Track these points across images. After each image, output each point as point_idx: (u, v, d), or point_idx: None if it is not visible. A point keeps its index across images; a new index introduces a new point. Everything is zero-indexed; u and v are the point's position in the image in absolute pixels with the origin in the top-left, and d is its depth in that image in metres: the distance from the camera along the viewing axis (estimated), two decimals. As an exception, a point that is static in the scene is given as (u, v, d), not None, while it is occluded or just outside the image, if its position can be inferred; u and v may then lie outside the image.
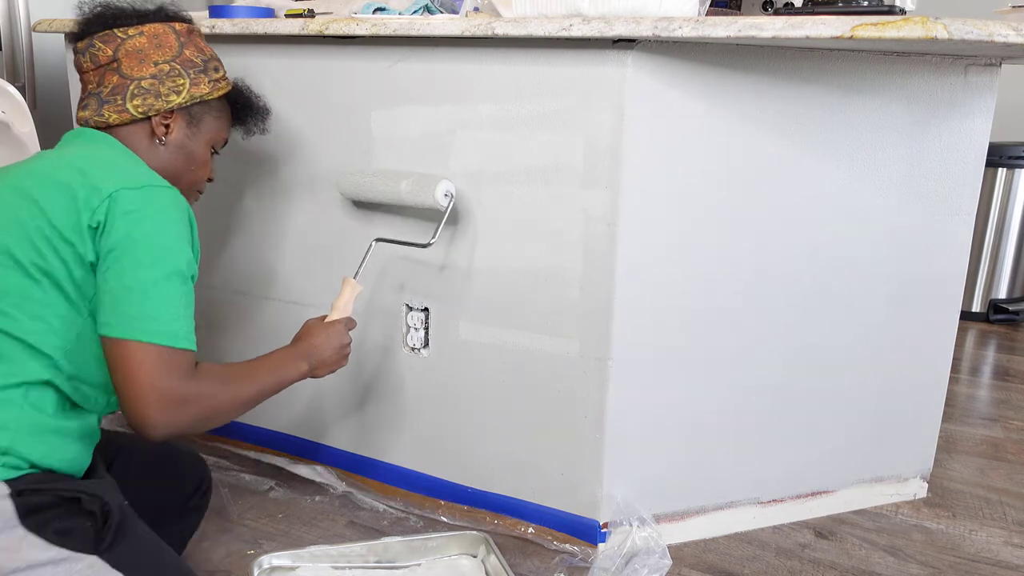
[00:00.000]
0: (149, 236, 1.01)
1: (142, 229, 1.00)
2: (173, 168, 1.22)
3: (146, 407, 0.98)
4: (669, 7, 1.28)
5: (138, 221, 1.00)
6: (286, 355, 1.23)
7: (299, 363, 1.23)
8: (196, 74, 1.22)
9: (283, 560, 1.39)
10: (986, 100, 1.55)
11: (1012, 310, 3.11)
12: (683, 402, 1.51)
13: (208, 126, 1.26)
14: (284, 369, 1.21)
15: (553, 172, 1.39)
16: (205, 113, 1.25)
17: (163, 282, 1.00)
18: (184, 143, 1.23)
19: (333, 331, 1.31)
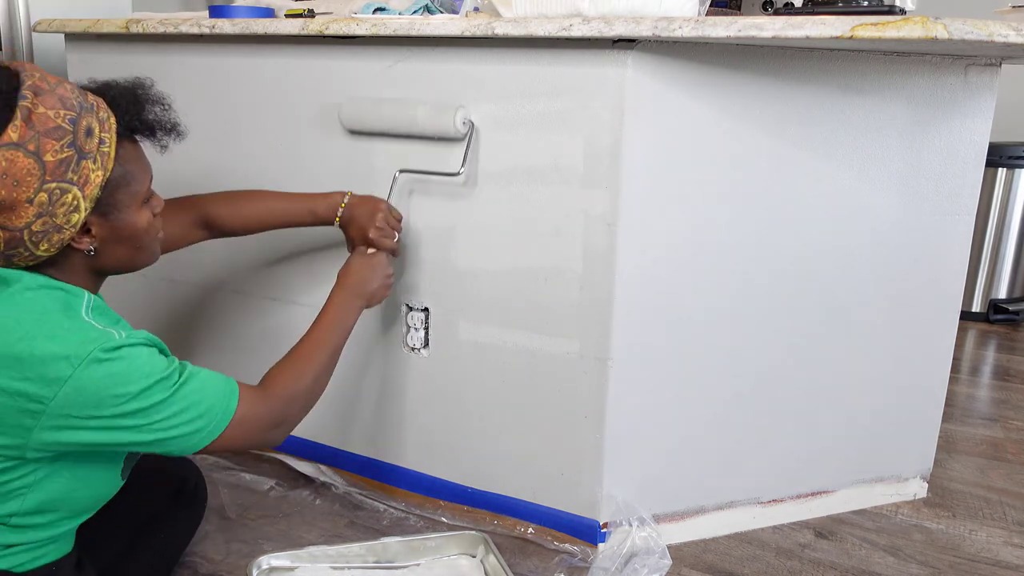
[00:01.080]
0: (126, 390, 0.98)
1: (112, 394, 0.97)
2: (122, 258, 1.09)
3: (269, 444, 1.15)
4: (669, 7, 1.28)
5: (102, 387, 0.97)
6: (340, 302, 1.30)
7: (355, 302, 1.32)
8: (77, 170, 0.96)
9: (282, 560, 1.39)
10: (986, 100, 1.55)
11: (1012, 310, 3.10)
12: (683, 402, 1.51)
13: (123, 196, 1.05)
14: (345, 317, 1.30)
15: (553, 172, 1.39)
16: (114, 191, 1.03)
17: (162, 405, 1.01)
18: (115, 232, 1.05)
19: (377, 262, 1.38)
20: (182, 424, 1.02)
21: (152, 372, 1.00)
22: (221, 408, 1.07)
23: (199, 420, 1.04)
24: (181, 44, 1.72)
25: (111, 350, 0.96)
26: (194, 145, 1.77)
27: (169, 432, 1.02)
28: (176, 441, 1.03)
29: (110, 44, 1.82)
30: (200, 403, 1.04)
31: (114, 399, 0.97)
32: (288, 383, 1.18)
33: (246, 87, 1.66)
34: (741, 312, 1.50)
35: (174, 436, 1.02)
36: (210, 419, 1.05)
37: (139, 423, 0.99)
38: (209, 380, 1.07)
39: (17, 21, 2.60)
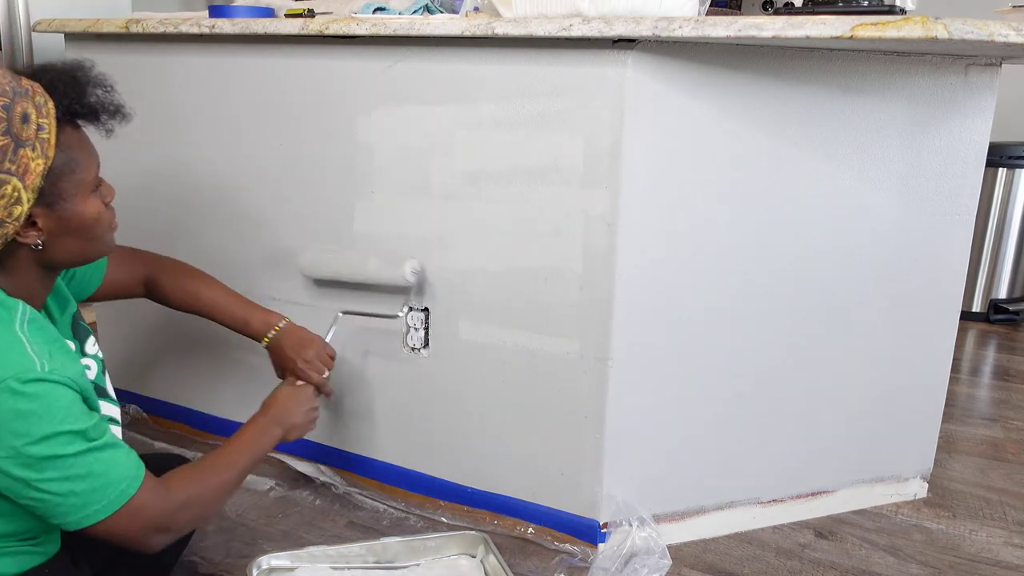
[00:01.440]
0: (28, 432, 0.91)
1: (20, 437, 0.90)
2: (73, 251, 1.03)
3: (146, 547, 1.04)
4: (669, 7, 1.28)
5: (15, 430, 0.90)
6: (259, 427, 1.27)
7: (273, 431, 1.28)
8: (15, 159, 0.91)
9: (282, 561, 1.39)
10: (986, 100, 1.55)
11: (1012, 310, 3.10)
12: (683, 402, 1.51)
13: (68, 184, 0.98)
14: (260, 442, 1.24)
15: (553, 172, 1.39)
16: (57, 179, 0.97)
17: (67, 461, 0.93)
18: (63, 223, 0.99)
19: (303, 396, 1.36)
20: (72, 492, 0.94)
21: (63, 418, 0.92)
22: (119, 488, 0.98)
23: (92, 494, 0.95)
24: (181, 44, 1.72)
25: (28, 381, 0.90)
26: (194, 145, 1.77)
27: (56, 493, 0.93)
28: (58, 506, 0.94)
29: (110, 44, 1.81)
30: (100, 475, 0.96)
31: (13, 438, 0.89)
32: (190, 488, 1.08)
33: (246, 87, 1.66)
34: (741, 312, 1.50)
35: (58, 498, 0.93)
36: (102, 496, 0.96)
37: (30, 474, 0.91)
38: (120, 455, 0.99)
39: (17, 21, 2.60)
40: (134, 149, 1.84)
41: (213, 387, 1.88)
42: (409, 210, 1.54)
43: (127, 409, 2.01)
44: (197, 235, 1.81)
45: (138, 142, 1.83)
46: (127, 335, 1.99)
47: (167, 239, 1.84)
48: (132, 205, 1.87)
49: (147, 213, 1.85)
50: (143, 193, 1.85)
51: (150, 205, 1.85)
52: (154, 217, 1.85)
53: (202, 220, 1.80)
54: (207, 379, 1.88)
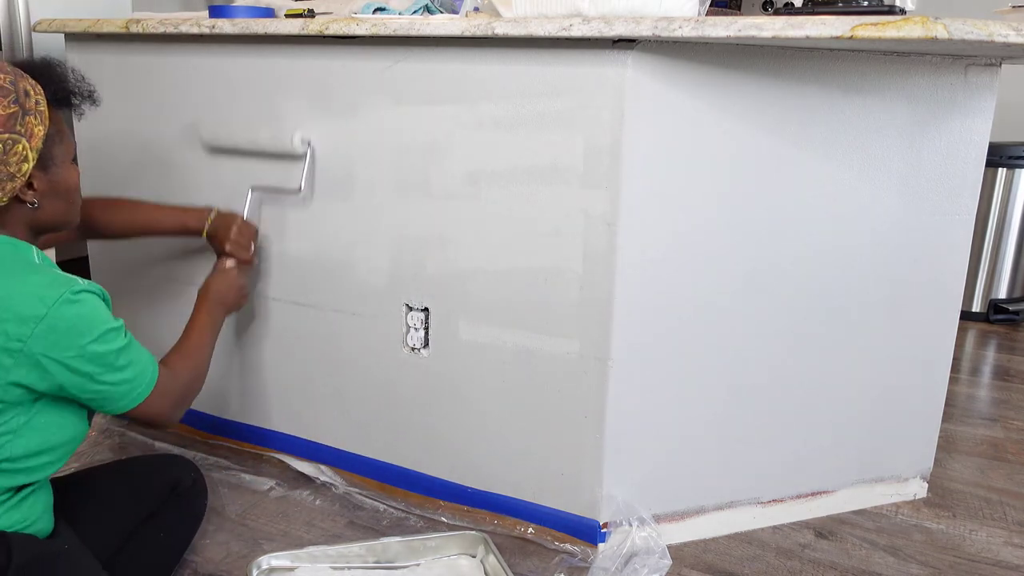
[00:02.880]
0: (90, 332, 1.07)
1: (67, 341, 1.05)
2: (58, 215, 1.16)
3: (172, 420, 1.26)
4: (669, 7, 1.28)
5: (62, 338, 1.05)
6: (209, 311, 1.45)
7: (218, 310, 1.48)
8: (24, 123, 1.05)
9: (282, 561, 1.39)
10: (986, 100, 1.55)
11: (1012, 310, 3.10)
12: (683, 402, 1.51)
13: (59, 152, 1.14)
14: (215, 322, 1.46)
15: (553, 172, 1.39)
16: (52, 146, 1.12)
17: (116, 354, 1.11)
18: (53, 186, 1.13)
19: (230, 277, 1.54)
20: (124, 380, 1.12)
21: (107, 319, 1.10)
22: (150, 373, 1.17)
23: (136, 379, 1.14)
24: (181, 44, 1.72)
25: (78, 292, 1.06)
26: (194, 145, 1.77)
27: (109, 387, 1.10)
28: (114, 394, 1.11)
29: (110, 44, 1.81)
30: (138, 363, 1.15)
31: (79, 338, 1.05)
32: (188, 367, 1.30)
33: (246, 87, 1.66)
34: (741, 312, 1.50)
35: (114, 387, 1.11)
36: (142, 380, 1.15)
37: (94, 368, 1.07)
38: (141, 348, 1.17)
39: (17, 21, 2.60)
40: (134, 148, 1.84)
41: (213, 387, 1.88)
42: (409, 210, 1.54)
43: (127, 409, 2.01)
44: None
45: (138, 141, 1.83)
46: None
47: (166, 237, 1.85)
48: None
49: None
50: (141, 191, 1.85)
51: (150, 205, 1.85)
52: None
53: (202, 220, 1.79)
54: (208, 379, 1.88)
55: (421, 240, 1.54)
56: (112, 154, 1.88)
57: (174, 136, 1.78)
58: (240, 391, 1.84)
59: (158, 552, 1.34)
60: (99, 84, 1.82)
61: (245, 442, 1.86)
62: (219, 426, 1.89)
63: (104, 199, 1.55)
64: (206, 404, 1.90)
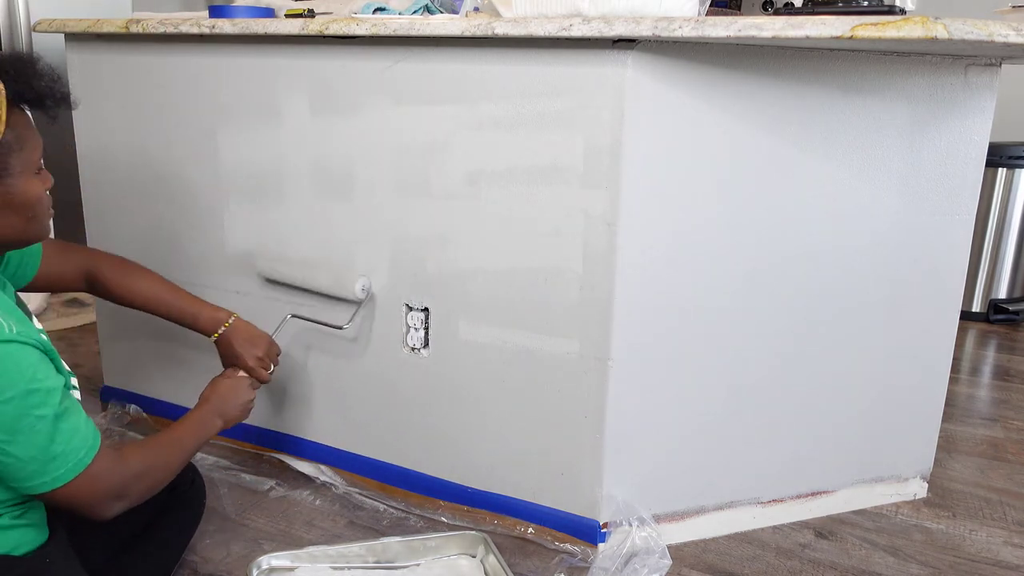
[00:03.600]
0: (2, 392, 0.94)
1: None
2: (16, 228, 1.06)
3: (102, 514, 1.08)
4: (669, 7, 1.28)
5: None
6: (203, 417, 1.33)
7: (215, 421, 1.35)
8: None
9: (282, 561, 1.39)
10: (986, 100, 1.55)
11: (1012, 310, 3.10)
12: (683, 402, 1.51)
13: (16, 161, 1.02)
14: (205, 430, 1.32)
15: (553, 172, 1.39)
16: (7, 155, 1.01)
17: (45, 421, 0.97)
18: (7, 200, 1.03)
19: (241, 389, 1.42)
20: (37, 459, 0.97)
21: (35, 378, 0.95)
22: (80, 454, 1.02)
23: (58, 459, 0.99)
24: (181, 44, 1.72)
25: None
26: (194, 145, 1.77)
27: (19, 458, 0.96)
28: (21, 472, 0.98)
29: (110, 44, 1.82)
30: (67, 440, 1.00)
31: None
32: (144, 461, 1.14)
33: (246, 87, 1.66)
34: (741, 312, 1.50)
35: (21, 463, 0.97)
36: (66, 461, 1.00)
37: (1, 435, 0.95)
38: (82, 421, 1.04)
39: (17, 21, 2.60)
40: (133, 148, 1.84)
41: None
42: (409, 210, 1.54)
43: (127, 409, 2.01)
44: (197, 234, 1.81)
45: (138, 141, 1.83)
46: (127, 335, 1.99)
47: (166, 237, 1.85)
48: (130, 204, 1.87)
49: (145, 212, 1.85)
50: (141, 192, 1.85)
51: (148, 204, 1.85)
52: (152, 215, 1.85)
53: (201, 219, 1.79)
54: (207, 379, 1.88)
55: (421, 240, 1.54)
56: (112, 154, 1.88)
57: (174, 136, 1.78)
58: (240, 391, 1.84)
59: (158, 552, 1.34)
60: (99, 84, 1.84)
61: (245, 442, 1.87)
62: (219, 426, 1.89)
63: (119, 260, 1.46)
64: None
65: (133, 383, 2.02)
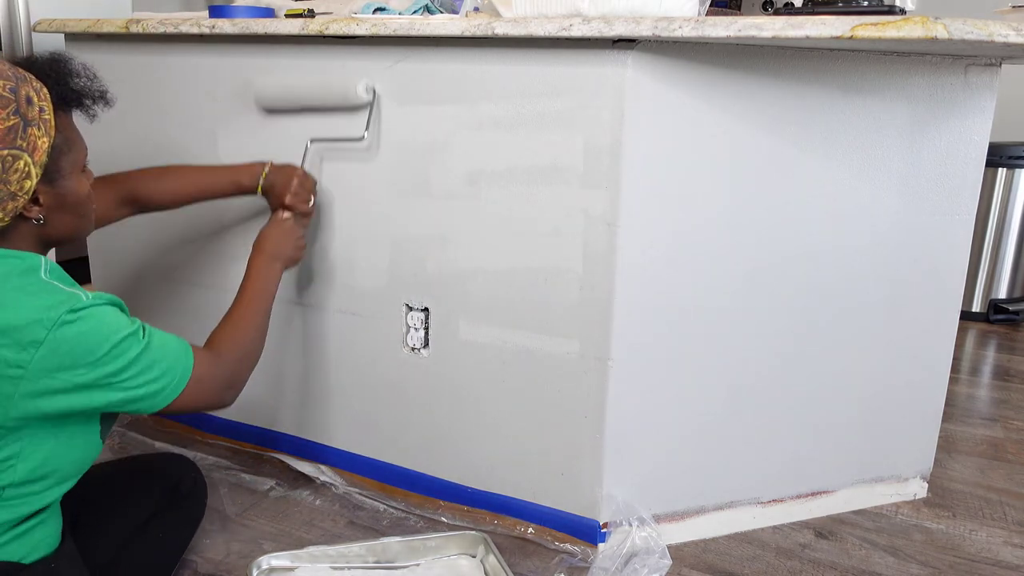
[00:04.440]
0: (99, 349, 1.02)
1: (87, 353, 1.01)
2: (68, 228, 1.10)
3: (222, 406, 1.21)
4: (669, 7, 1.29)
5: (80, 347, 1.00)
6: (263, 267, 1.38)
7: (275, 266, 1.40)
8: (25, 136, 0.98)
9: (282, 561, 1.39)
10: (986, 100, 1.55)
11: (1012, 310, 3.10)
12: (683, 402, 1.51)
13: (67, 162, 1.06)
14: (269, 279, 1.38)
15: (553, 172, 1.39)
16: (58, 157, 1.04)
17: (134, 361, 1.05)
18: (60, 200, 1.07)
19: (289, 227, 1.46)
20: (149, 382, 1.07)
21: (119, 329, 1.04)
22: (182, 366, 1.11)
23: (163, 378, 1.08)
24: (181, 44, 1.72)
25: (79, 310, 0.99)
26: (194, 145, 1.77)
27: (137, 390, 1.05)
28: (143, 400, 1.07)
29: (110, 44, 1.82)
30: (163, 360, 1.09)
31: (88, 357, 1.00)
32: (235, 345, 1.24)
33: (246, 87, 1.66)
34: (741, 312, 1.50)
35: (141, 394, 1.06)
36: (172, 376, 1.10)
37: (110, 381, 1.03)
38: (168, 339, 1.12)
39: (17, 21, 2.60)
40: (133, 148, 1.84)
41: (213, 387, 1.88)
42: (409, 210, 1.54)
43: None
44: (197, 235, 1.81)
45: (138, 142, 1.83)
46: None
47: (165, 237, 1.85)
48: (132, 205, 1.87)
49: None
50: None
51: (150, 205, 1.85)
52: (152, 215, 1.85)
53: (200, 219, 1.79)
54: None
55: (421, 240, 1.54)
56: (111, 155, 1.88)
57: (174, 136, 1.78)
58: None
59: (159, 552, 1.34)
60: (99, 84, 1.84)
61: (245, 442, 1.87)
62: (219, 426, 1.89)
63: (148, 170, 1.48)
64: (206, 404, 1.90)
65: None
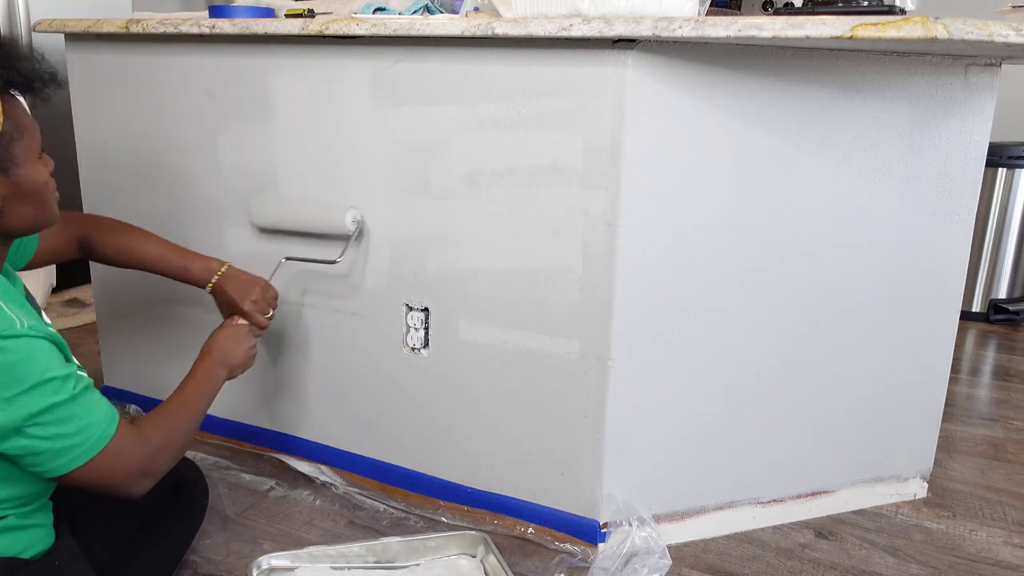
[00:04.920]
0: (18, 385, 0.96)
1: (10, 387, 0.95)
2: (28, 218, 1.07)
3: (131, 492, 1.10)
4: (669, 7, 1.28)
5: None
6: (208, 370, 1.32)
7: (219, 372, 1.33)
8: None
9: (281, 561, 1.39)
10: (986, 100, 1.55)
11: (1012, 310, 3.10)
12: (683, 402, 1.51)
13: (20, 149, 1.02)
14: (212, 384, 1.31)
15: (553, 172, 1.39)
16: (10, 144, 1.01)
17: (64, 404, 0.99)
18: (16, 190, 1.03)
19: (241, 335, 1.41)
20: (58, 436, 0.99)
21: (48, 368, 0.97)
22: (100, 430, 1.03)
23: (76, 435, 1.00)
24: (181, 44, 1.72)
25: (8, 338, 0.94)
26: (194, 145, 1.77)
27: (42, 442, 0.98)
28: (43, 455, 0.99)
29: (110, 44, 1.82)
30: (83, 418, 1.01)
31: (3, 392, 0.94)
32: (162, 433, 1.15)
33: (246, 87, 1.66)
34: (741, 312, 1.50)
35: (44, 448, 0.98)
36: (86, 438, 1.02)
37: (20, 425, 0.96)
38: (98, 400, 1.05)
39: (17, 21, 2.61)
40: (133, 149, 1.84)
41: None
42: (409, 210, 1.54)
43: (127, 409, 2.01)
44: (196, 235, 1.81)
45: (138, 142, 1.83)
46: (127, 335, 1.99)
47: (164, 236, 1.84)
48: (130, 204, 1.87)
49: (144, 212, 1.85)
50: (141, 192, 1.85)
51: (148, 204, 1.85)
52: (152, 215, 1.85)
53: (200, 220, 1.79)
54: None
55: (421, 240, 1.54)
56: (111, 154, 1.88)
57: (174, 136, 1.78)
58: (240, 391, 1.84)
59: (160, 552, 1.34)
60: (99, 84, 1.84)
61: (245, 442, 1.87)
62: (219, 426, 1.89)
63: (109, 221, 1.46)
64: (206, 404, 1.90)
65: (133, 383, 2.02)
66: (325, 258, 1.60)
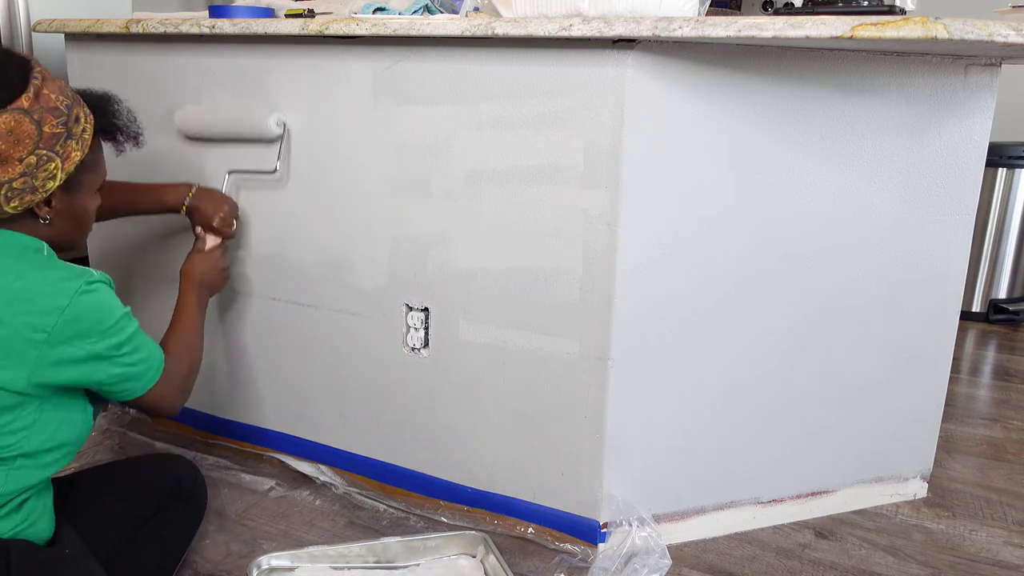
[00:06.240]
0: (108, 320, 1.11)
1: (85, 327, 1.09)
2: (65, 235, 1.19)
3: (176, 409, 1.28)
4: (669, 7, 1.29)
5: (82, 329, 1.09)
6: (194, 295, 1.48)
7: (204, 294, 1.52)
8: (64, 145, 1.10)
9: (281, 561, 1.39)
10: (986, 100, 1.55)
11: (1012, 310, 3.10)
12: (683, 401, 1.51)
13: (87, 179, 1.18)
14: (202, 305, 1.49)
15: (553, 172, 1.39)
16: (82, 172, 1.16)
17: (131, 338, 1.15)
18: (69, 209, 1.17)
19: (215, 259, 1.57)
20: (139, 361, 1.16)
21: (120, 306, 1.14)
22: (157, 358, 1.21)
23: (147, 362, 1.18)
24: (181, 44, 1.72)
25: (93, 283, 1.10)
26: (194, 144, 1.77)
27: (130, 368, 1.15)
28: (130, 380, 1.16)
29: (110, 44, 1.82)
30: (145, 347, 1.18)
31: (99, 326, 1.09)
32: (185, 356, 1.33)
33: (246, 87, 1.66)
34: (741, 312, 1.50)
35: (132, 373, 1.15)
36: (152, 364, 1.20)
37: (113, 353, 1.12)
38: (143, 332, 1.20)
39: (17, 21, 2.61)
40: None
41: (213, 387, 1.88)
42: (409, 210, 1.54)
43: (127, 409, 2.01)
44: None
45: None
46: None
47: (164, 238, 1.85)
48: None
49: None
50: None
51: (150, 205, 1.85)
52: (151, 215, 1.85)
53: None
54: (207, 379, 1.88)
55: (421, 240, 1.54)
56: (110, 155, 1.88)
57: (174, 136, 1.78)
58: (240, 391, 1.84)
59: (159, 552, 1.34)
60: (99, 84, 1.83)
61: (245, 442, 1.86)
62: (219, 426, 1.89)
63: None
64: (206, 404, 1.90)
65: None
66: (264, 168, 1.67)
